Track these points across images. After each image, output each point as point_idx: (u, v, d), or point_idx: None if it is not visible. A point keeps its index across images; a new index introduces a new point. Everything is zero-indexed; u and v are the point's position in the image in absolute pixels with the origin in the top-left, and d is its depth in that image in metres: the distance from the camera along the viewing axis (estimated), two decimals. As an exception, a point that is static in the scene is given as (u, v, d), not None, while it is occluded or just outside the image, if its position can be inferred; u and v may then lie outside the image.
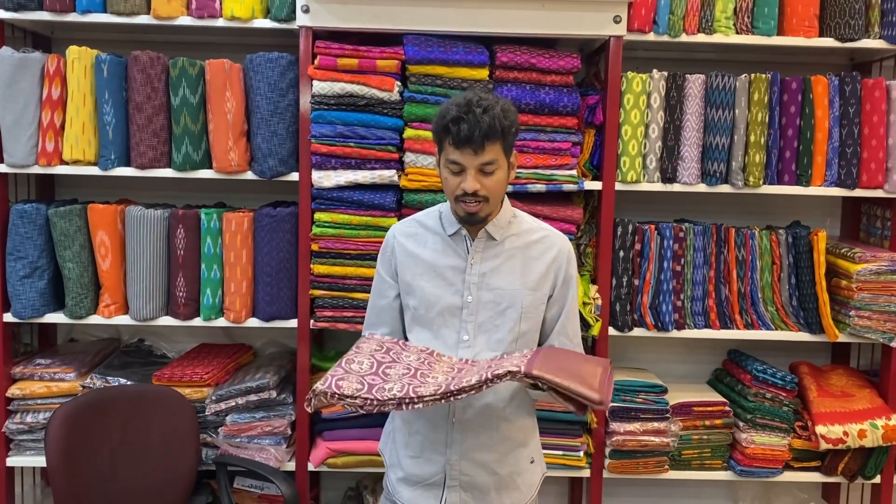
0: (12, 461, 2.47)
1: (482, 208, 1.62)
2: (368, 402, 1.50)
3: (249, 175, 2.41)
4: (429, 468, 1.72)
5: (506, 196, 1.75)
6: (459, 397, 1.49)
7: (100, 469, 2.19)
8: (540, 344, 1.79)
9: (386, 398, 1.49)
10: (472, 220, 1.65)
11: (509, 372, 1.47)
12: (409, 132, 2.32)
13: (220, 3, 2.35)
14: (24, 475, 2.68)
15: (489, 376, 1.47)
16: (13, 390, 2.43)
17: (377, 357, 1.63)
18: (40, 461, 2.45)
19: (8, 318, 2.41)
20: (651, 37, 2.40)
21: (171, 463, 2.29)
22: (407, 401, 1.49)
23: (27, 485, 2.68)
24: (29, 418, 2.43)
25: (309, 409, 1.53)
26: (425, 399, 1.48)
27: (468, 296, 1.69)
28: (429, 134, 2.26)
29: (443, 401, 1.49)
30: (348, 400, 1.50)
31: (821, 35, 2.46)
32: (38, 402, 2.43)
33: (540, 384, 1.49)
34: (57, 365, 2.49)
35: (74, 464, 2.12)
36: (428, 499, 1.72)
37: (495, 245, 1.71)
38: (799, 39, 2.43)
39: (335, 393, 1.50)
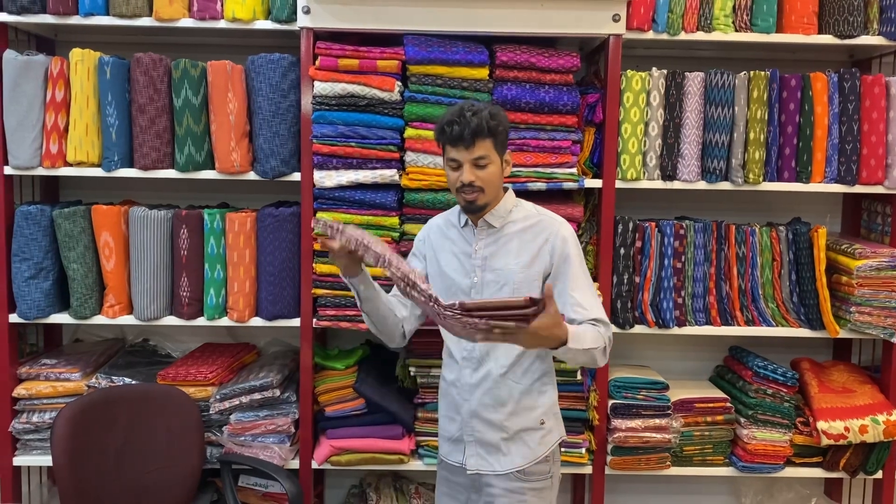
0: (19, 461, 2.49)
1: (478, 197, 1.84)
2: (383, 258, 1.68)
3: (252, 175, 2.42)
4: (452, 426, 1.99)
5: (511, 190, 1.95)
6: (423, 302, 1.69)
7: (105, 468, 2.21)
8: None
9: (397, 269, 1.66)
10: (472, 208, 1.87)
11: (447, 304, 1.61)
12: (409, 132, 2.33)
13: (222, 5, 2.37)
14: (31, 474, 2.70)
15: (440, 309, 1.61)
16: (19, 390, 2.45)
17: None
18: (46, 460, 2.46)
19: (14, 318, 2.43)
20: (650, 35, 2.41)
21: (175, 461, 2.31)
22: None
23: (34, 484, 2.70)
24: (35, 418, 2.45)
25: (315, 228, 1.84)
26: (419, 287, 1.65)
27: (475, 277, 1.91)
28: (429, 133, 2.29)
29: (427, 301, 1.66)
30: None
31: (820, 32, 2.46)
32: (44, 401, 2.45)
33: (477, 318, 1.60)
34: (62, 365, 2.51)
35: (80, 463, 2.14)
36: (455, 452, 1.99)
37: (495, 232, 1.91)
38: (798, 36, 2.44)
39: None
